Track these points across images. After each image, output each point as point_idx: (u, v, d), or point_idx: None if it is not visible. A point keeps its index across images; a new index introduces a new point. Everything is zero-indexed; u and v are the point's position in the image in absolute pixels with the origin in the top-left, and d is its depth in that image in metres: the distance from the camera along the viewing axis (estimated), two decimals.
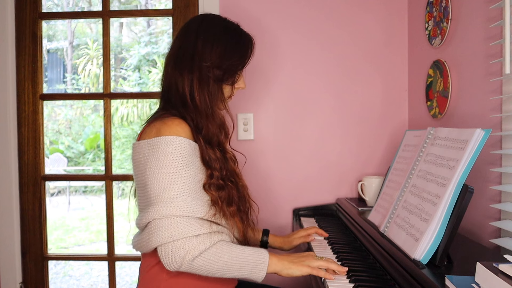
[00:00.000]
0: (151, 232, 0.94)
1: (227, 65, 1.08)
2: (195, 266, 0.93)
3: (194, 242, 0.92)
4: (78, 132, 10.56)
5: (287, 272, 0.99)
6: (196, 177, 0.98)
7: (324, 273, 0.96)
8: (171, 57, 1.10)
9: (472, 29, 1.20)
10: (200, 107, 1.04)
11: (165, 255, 0.92)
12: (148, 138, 0.99)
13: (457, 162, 0.87)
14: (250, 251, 0.99)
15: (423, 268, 0.82)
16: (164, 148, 0.95)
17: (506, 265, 0.61)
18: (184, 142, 0.97)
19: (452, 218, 0.84)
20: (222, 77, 1.08)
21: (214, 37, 1.07)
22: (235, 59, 1.09)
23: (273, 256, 1.00)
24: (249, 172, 1.70)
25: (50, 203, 7.42)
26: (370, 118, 1.72)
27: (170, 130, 0.97)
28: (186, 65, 1.05)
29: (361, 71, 1.72)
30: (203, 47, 1.06)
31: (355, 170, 1.73)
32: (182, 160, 0.96)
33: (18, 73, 1.72)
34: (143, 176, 0.98)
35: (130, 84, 11.20)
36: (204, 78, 1.05)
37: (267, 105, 1.73)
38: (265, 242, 1.31)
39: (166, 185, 0.94)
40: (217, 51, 1.06)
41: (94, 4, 11.62)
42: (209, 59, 1.05)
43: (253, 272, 0.98)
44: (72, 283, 3.85)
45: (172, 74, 1.07)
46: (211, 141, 1.05)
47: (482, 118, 1.15)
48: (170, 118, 1.01)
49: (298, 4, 1.70)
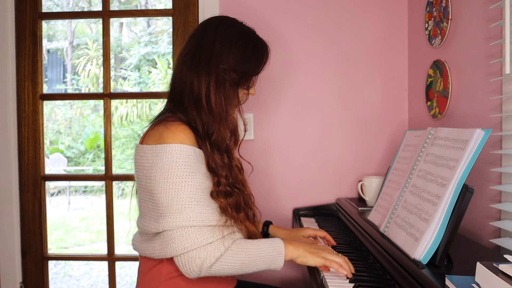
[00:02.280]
0: (164, 243, 0.94)
1: (244, 69, 1.07)
2: (214, 271, 0.94)
3: (208, 250, 0.92)
4: (78, 132, 10.57)
5: (301, 260, 1.00)
6: (203, 184, 0.97)
7: (337, 266, 0.97)
8: (187, 56, 1.07)
9: (472, 29, 1.20)
10: (215, 110, 1.02)
11: (182, 265, 0.93)
12: (152, 144, 0.98)
13: (457, 162, 0.87)
14: (265, 244, 1.00)
15: (423, 268, 0.82)
16: (169, 156, 0.94)
17: (506, 265, 0.61)
18: (189, 150, 0.96)
19: (452, 218, 0.84)
20: (239, 81, 1.07)
21: (232, 40, 1.06)
22: (252, 64, 1.08)
23: (289, 243, 1.01)
24: (249, 172, 1.70)
25: (50, 203, 7.42)
26: (370, 118, 1.73)
27: (174, 137, 0.96)
28: (204, 66, 1.03)
29: (361, 71, 1.72)
30: (221, 49, 1.04)
31: (355, 170, 1.73)
32: (188, 169, 0.95)
33: (18, 73, 1.72)
34: (148, 182, 0.97)
35: (130, 84, 11.21)
36: (221, 81, 1.03)
37: (267, 105, 1.72)
38: (265, 234, 1.30)
39: (174, 195, 0.93)
40: (235, 55, 1.05)
41: (94, 4, 11.62)
42: (227, 61, 1.04)
43: (272, 264, 0.99)
44: (72, 283, 3.85)
45: (188, 74, 1.04)
46: (220, 146, 1.03)
47: (482, 118, 1.15)
48: (174, 123, 0.99)
49: (298, 4, 1.70)
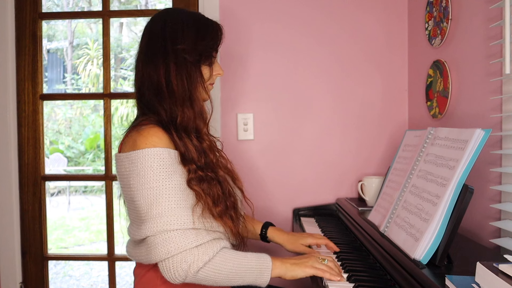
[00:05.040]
0: (149, 249, 0.92)
1: (202, 46, 1.04)
2: (200, 277, 0.91)
3: (195, 254, 0.90)
4: (78, 132, 10.56)
5: (291, 274, 0.98)
6: (181, 185, 0.95)
7: (329, 275, 0.95)
8: (140, 53, 1.06)
9: (472, 29, 1.20)
10: (177, 92, 1.00)
11: (167, 271, 0.90)
12: (127, 151, 0.96)
13: (457, 162, 0.87)
14: (253, 256, 0.98)
15: (423, 268, 0.82)
16: (142, 162, 0.92)
17: (506, 265, 0.61)
18: (163, 152, 0.94)
19: (452, 218, 0.84)
20: (200, 57, 1.04)
21: (183, 23, 1.04)
22: (208, 40, 1.06)
23: (276, 259, 0.99)
24: (249, 172, 1.70)
25: (50, 203, 7.41)
26: (370, 118, 1.72)
27: (146, 141, 0.94)
28: (159, 53, 1.01)
29: (361, 71, 1.72)
30: (173, 32, 1.02)
31: (355, 170, 1.73)
32: (164, 172, 0.93)
33: (18, 73, 1.72)
34: (129, 190, 0.96)
35: (130, 84, 11.19)
36: (181, 60, 1.01)
37: (267, 105, 1.72)
38: (264, 236, 1.27)
39: (153, 200, 0.91)
40: (189, 34, 1.03)
41: (94, 4, 11.61)
42: (182, 41, 1.01)
43: (258, 278, 0.97)
44: (72, 283, 3.85)
45: (144, 68, 1.02)
46: (187, 128, 1.00)
47: (482, 118, 1.15)
48: (146, 127, 0.97)
49: (298, 4, 1.70)
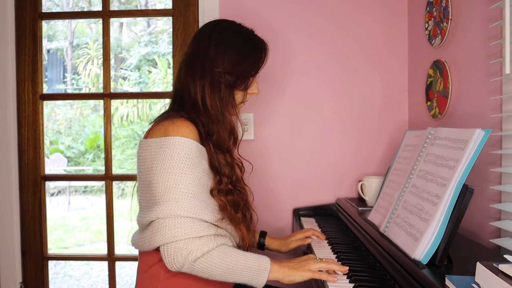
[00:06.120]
0: (155, 231, 0.94)
1: (239, 71, 1.07)
2: (196, 267, 0.93)
3: (197, 244, 0.92)
4: (78, 132, 10.57)
5: (288, 279, 0.98)
6: (201, 179, 0.98)
7: (326, 276, 0.96)
8: (183, 62, 1.10)
9: (472, 29, 1.20)
10: (211, 112, 1.04)
11: (167, 255, 0.92)
12: (156, 137, 1.00)
13: (457, 162, 0.87)
14: (252, 256, 0.98)
15: (423, 268, 0.82)
16: (171, 148, 0.96)
17: (506, 265, 0.61)
18: (192, 144, 0.98)
19: (452, 218, 0.84)
20: (234, 82, 1.08)
21: (227, 42, 1.07)
22: (247, 65, 1.09)
23: (275, 263, 0.99)
24: (249, 172, 1.70)
25: (50, 203, 7.42)
26: (370, 118, 1.72)
27: (178, 130, 0.98)
28: (198, 70, 1.05)
29: (361, 71, 1.72)
30: (215, 53, 1.06)
31: (355, 170, 1.73)
32: (189, 162, 0.96)
33: (18, 73, 1.72)
34: (149, 174, 0.98)
35: (130, 84, 11.20)
36: (216, 84, 1.05)
37: (267, 105, 1.72)
38: (262, 244, 1.31)
39: (172, 185, 0.94)
40: (229, 57, 1.06)
41: (94, 4, 11.61)
42: (221, 64, 1.05)
43: (254, 278, 0.97)
44: (72, 283, 3.85)
45: (185, 79, 1.07)
46: (221, 147, 1.05)
47: (482, 118, 1.15)
48: (179, 119, 1.02)
49: (297, 5, 1.70)
